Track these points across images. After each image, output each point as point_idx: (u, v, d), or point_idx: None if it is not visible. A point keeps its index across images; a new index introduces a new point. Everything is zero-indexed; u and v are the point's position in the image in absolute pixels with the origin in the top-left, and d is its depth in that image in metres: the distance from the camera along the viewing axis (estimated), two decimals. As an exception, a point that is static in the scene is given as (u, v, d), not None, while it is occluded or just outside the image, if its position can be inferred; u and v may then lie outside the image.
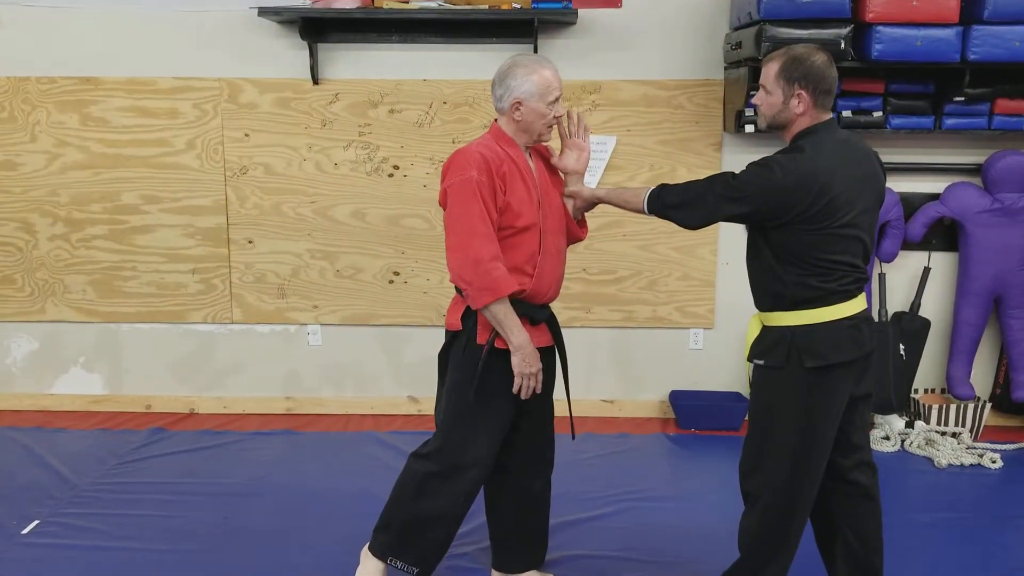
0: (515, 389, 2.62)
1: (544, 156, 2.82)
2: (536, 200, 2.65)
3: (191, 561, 3.18)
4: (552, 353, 2.81)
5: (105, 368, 4.65)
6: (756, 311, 2.67)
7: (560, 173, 2.85)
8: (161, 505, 3.58)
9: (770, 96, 2.55)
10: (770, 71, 2.54)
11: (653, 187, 2.67)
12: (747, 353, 2.65)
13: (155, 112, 4.38)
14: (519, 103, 2.61)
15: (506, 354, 2.62)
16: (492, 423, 2.69)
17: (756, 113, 2.69)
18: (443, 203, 2.61)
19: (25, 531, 3.37)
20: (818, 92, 2.49)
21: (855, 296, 2.53)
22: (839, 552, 2.74)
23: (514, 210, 2.59)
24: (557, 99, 2.63)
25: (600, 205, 2.87)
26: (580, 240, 2.94)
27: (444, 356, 2.77)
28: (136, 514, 3.50)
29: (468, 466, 2.68)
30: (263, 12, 4.11)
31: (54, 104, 4.39)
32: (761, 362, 2.58)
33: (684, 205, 2.58)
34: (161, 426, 4.41)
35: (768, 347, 2.56)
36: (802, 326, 2.50)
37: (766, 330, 2.59)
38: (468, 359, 2.65)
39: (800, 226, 2.43)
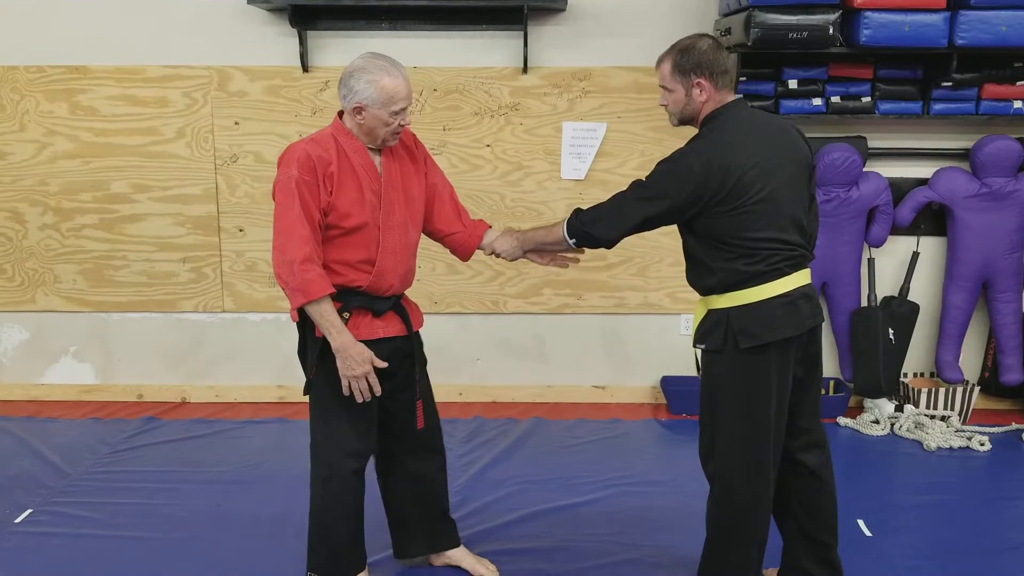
0: (344, 391, 2.59)
1: (407, 145, 2.77)
2: (372, 198, 2.61)
3: (184, 548, 3.19)
4: (408, 342, 2.79)
5: (96, 357, 4.64)
6: None
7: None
8: (153, 493, 3.59)
9: (673, 93, 2.57)
10: (664, 71, 2.57)
11: (568, 215, 2.69)
12: (692, 338, 2.67)
13: (144, 101, 4.37)
14: (360, 108, 2.57)
15: None
16: (352, 414, 2.68)
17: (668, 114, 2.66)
18: (273, 197, 2.61)
19: (18, 520, 3.38)
20: (715, 75, 2.52)
21: (788, 274, 2.52)
22: (791, 531, 2.77)
23: (340, 211, 2.56)
24: (403, 109, 2.57)
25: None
26: (468, 247, 2.91)
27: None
28: (129, 502, 3.51)
29: (341, 462, 2.70)
30: (252, 0, 4.09)
31: (43, 93, 4.37)
32: (703, 346, 2.60)
33: (600, 218, 2.60)
34: (153, 415, 4.41)
35: (708, 331, 2.58)
36: (736, 307, 2.51)
37: (708, 314, 2.61)
38: (308, 354, 2.67)
39: (715, 209, 2.45)
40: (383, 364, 2.61)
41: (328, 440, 2.71)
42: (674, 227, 2.64)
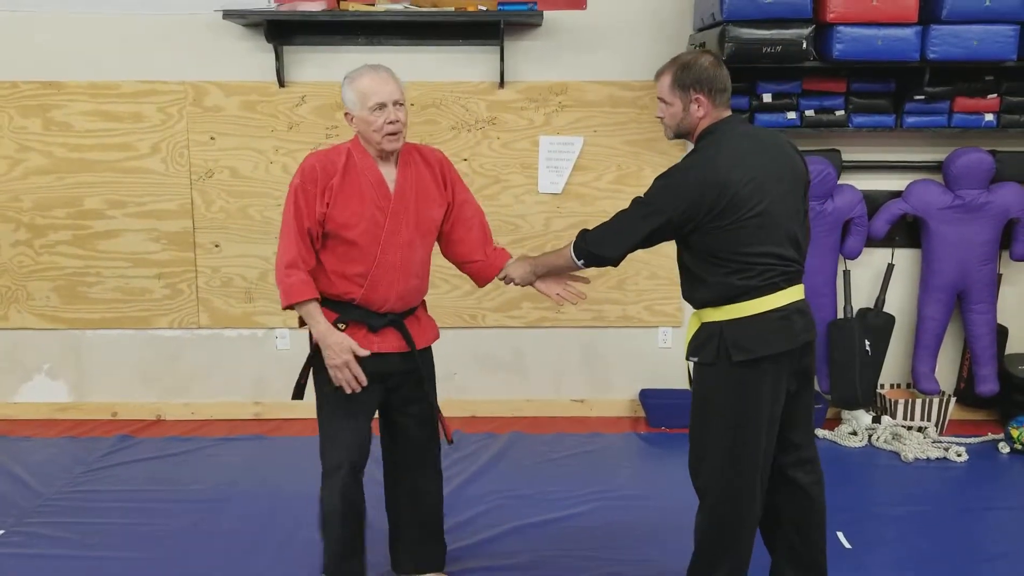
0: (335, 384, 2.66)
1: (431, 165, 2.79)
2: (375, 213, 2.65)
3: (162, 568, 3.15)
4: (411, 358, 2.80)
5: (70, 375, 4.59)
6: None
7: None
8: (129, 512, 3.54)
9: (670, 107, 2.60)
10: (664, 83, 2.60)
11: (575, 238, 2.71)
12: (686, 351, 2.68)
13: (119, 116, 4.34)
14: (348, 114, 2.66)
15: None
16: (349, 420, 2.73)
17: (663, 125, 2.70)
18: None
19: (-10, 541, 3.32)
20: (714, 92, 2.55)
21: (783, 288, 2.54)
22: (781, 548, 2.76)
23: (338, 221, 2.62)
24: (381, 105, 2.59)
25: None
26: (486, 276, 2.93)
27: None
28: (104, 522, 3.47)
29: (338, 464, 2.73)
30: (228, 15, 4.08)
31: (16, 108, 4.33)
32: (696, 359, 2.61)
33: (604, 237, 2.63)
34: (128, 433, 4.35)
35: (701, 344, 2.59)
36: (730, 321, 2.52)
37: (701, 327, 2.61)
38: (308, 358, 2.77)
39: (711, 224, 2.47)
40: (365, 352, 2.64)
41: (328, 441, 2.75)
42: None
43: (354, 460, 2.75)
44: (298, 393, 2.79)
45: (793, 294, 2.56)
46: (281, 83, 4.27)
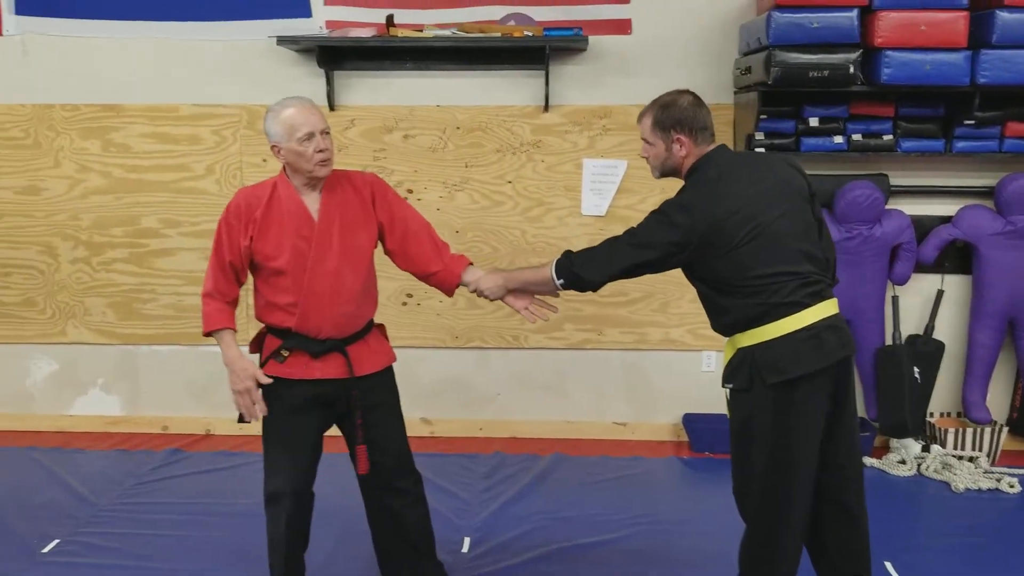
0: (236, 403, 2.75)
1: (359, 189, 2.81)
2: (299, 243, 2.69)
3: (206, 581, 3.22)
4: (348, 384, 2.79)
5: (123, 389, 4.71)
6: None
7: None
8: (178, 525, 3.62)
9: (653, 147, 2.66)
10: (646, 125, 2.66)
11: (558, 256, 2.73)
12: (722, 378, 2.67)
13: (175, 138, 4.47)
14: (275, 147, 2.70)
15: (285, 381, 2.74)
16: (289, 448, 2.77)
17: (649, 165, 2.75)
18: None
19: (45, 550, 3.42)
20: (694, 131, 2.60)
21: (811, 305, 2.52)
22: (826, 570, 2.73)
23: (264, 253, 2.70)
24: (309, 135, 2.64)
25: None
26: (448, 285, 2.93)
27: None
28: (154, 534, 3.55)
29: (278, 492, 2.77)
30: (282, 41, 4.19)
31: (77, 131, 4.49)
32: (731, 386, 2.61)
33: (590, 261, 2.66)
34: (178, 447, 4.45)
35: (734, 369, 2.59)
36: (760, 344, 2.52)
37: (735, 353, 2.61)
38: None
39: (713, 253, 2.50)
40: (267, 380, 2.72)
41: (269, 470, 2.81)
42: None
43: (296, 488, 2.79)
44: (242, 418, 2.83)
45: (822, 310, 2.54)
46: (331, 107, 4.37)
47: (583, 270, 2.65)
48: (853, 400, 2.67)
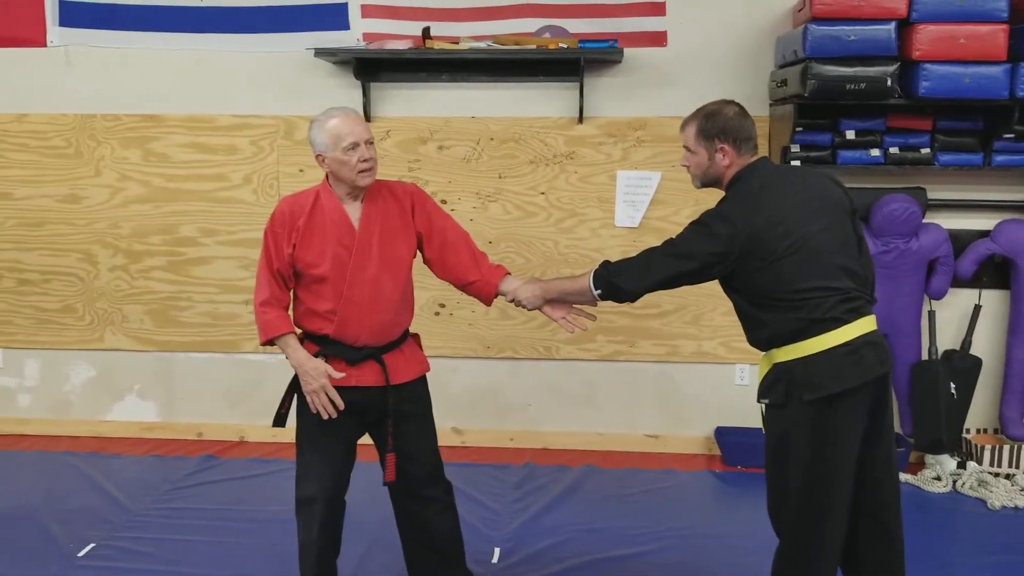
0: (312, 410, 2.74)
1: (399, 199, 2.84)
2: (340, 251, 2.72)
3: (239, 586, 3.25)
4: (386, 393, 2.81)
5: (159, 396, 4.77)
6: None
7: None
8: (211, 531, 3.66)
9: (696, 156, 2.63)
10: (689, 134, 2.64)
11: (596, 266, 2.73)
12: (757, 393, 2.65)
13: (214, 148, 4.53)
14: (320, 156, 2.74)
15: None
16: (323, 453, 2.79)
17: (690, 174, 2.73)
18: None
19: (81, 554, 3.47)
20: (738, 141, 2.58)
21: (850, 321, 2.50)
22: None
23: (306, 261, 2.74)
24: (354, 144, 2.68)
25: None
26: (486, 295, 2.93)
27: None
28: (188, 539, 3.59)
29: (311, 498, 2.79)
30: (319, 53, 4.24)
31: (117, 140, 4.57)
32: (766, 401, 2.59)
33: (629, 270, 2.65)
34: (212, 453, 4.50)
35: (770, 384, 2.57)
36: (798, 359, 2.49)
37: (771, 368, 2.59)
38: (288, 389, 2.87)
39: (753, 265, 2.48)
40: (340, 375, 2.73)
41: (302, 475, 2.83)
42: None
43: (329, 493, 2.80)
44: (279, 421, 2.88)
45: (861, 327, 2.52)
46: (368, 118, 4.41)
47: (621, 280, 2.65)
48: (891, 416, 2.64)
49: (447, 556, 3.01)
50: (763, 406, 2.63)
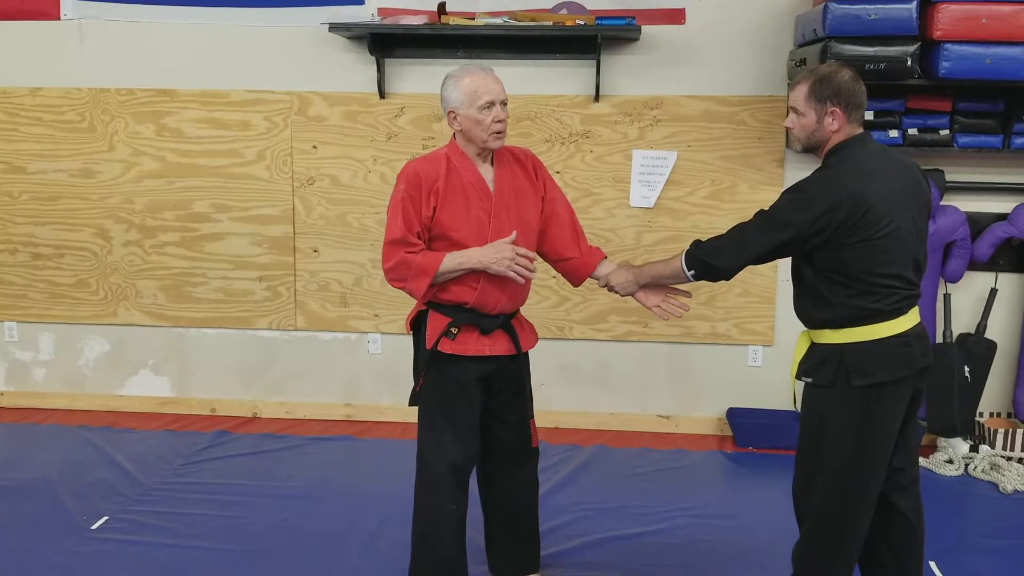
0: (511, 276, 2.64)
1: (523, 164, 2.82)
2: (479, 215, 2.67)
3: (251, 561, 3.27)
4: (515, 361, 2.81)
5: (173, 371, 4.79)
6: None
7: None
8: (223, 506, 3.68)
9: (803, 117, 2.54)
10: (799, 93, 2.54)
11: (687, 247, 2.68)
12: (794, 370, 2.62)
13: (227, 124, 4.52)
14: (452, 113, 2.67)
15: (454, 358, 2.70)
16: (454, 426, 2.74)
17: (788, 137, 2.67)
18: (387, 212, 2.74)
19: (95, 526, 3.49)
20: (850, 107, 2.49)
21: (905, 313, 2.49)
22: (876, 573, 2.70)
23: (445, 224, 2.66)
24: (490, 104, 2.62)
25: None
26: (581, 275, 2.91)
27: None
28: (200, 513, 3.61)
29: (441, 470, 2.73)
30: (334, 28, 4.22)
31: (131, 115, 4.56)
32: (809, 380, 2.56)
33: (722, 248, 2.58)
34: (225, 429, 4.52)
35: (816, 365, 2.54)
36: (851, 344, 2.47)
37: (814, 347, 2.56)
38: (417, 365, 2.77)
39: (841, 240, 2.42)
40: (512, 235, 2.65)
41: (434, 450, 2.76)
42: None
43: (465, 472, 2.78)
44: (415, 399, 2.79)
45: (912, 318, 2.52)
46: (382, 94, 4.39)
47: (715, 259, 2.59)
48: (919, 405, 2.64)
49: (529, 532, 3.02)
50: (804, 383, 2.59)
